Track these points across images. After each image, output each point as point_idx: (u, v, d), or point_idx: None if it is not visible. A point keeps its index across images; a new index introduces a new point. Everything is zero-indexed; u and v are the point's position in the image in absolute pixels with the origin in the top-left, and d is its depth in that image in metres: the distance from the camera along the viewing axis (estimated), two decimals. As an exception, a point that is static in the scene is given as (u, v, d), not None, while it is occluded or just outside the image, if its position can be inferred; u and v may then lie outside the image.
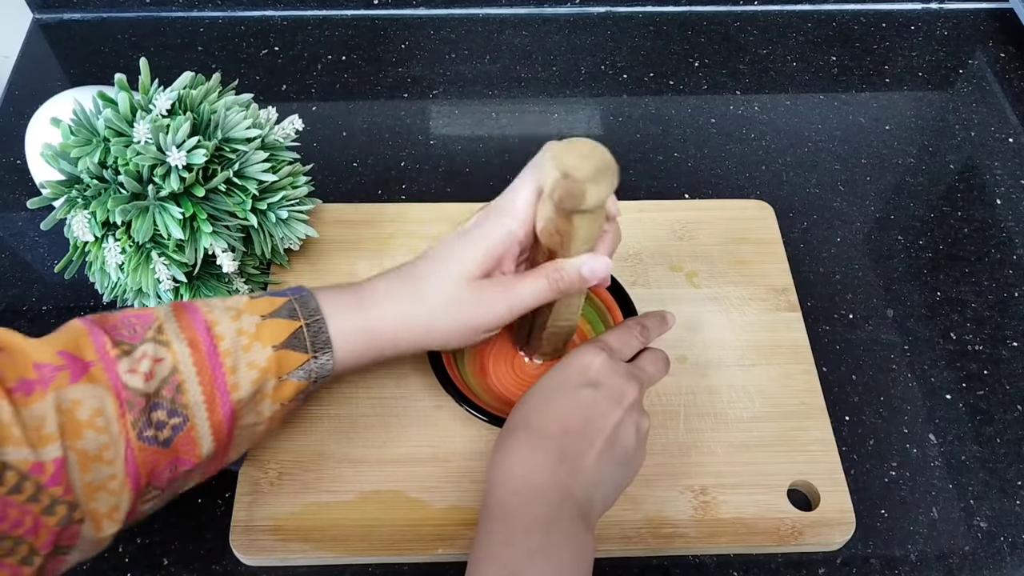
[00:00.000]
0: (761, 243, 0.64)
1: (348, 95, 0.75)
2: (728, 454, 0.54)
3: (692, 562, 0.52)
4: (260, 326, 0.44)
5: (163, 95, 0.52)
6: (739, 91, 0.77)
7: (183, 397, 0.42)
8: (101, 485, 0.40)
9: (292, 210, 0.57)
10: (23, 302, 0.62)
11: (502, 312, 0.46)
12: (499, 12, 0.82)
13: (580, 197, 0.41)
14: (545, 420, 0.45)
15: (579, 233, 0.44)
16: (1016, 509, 0.54)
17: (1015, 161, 0.72)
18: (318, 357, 0.45)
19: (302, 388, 0.45)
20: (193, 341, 0.43)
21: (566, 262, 0.45)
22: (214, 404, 0.42)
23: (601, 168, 0.41)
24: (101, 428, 0.40)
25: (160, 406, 0.41)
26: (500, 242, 0.45)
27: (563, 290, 0.46)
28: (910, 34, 0.82)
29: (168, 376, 0.42)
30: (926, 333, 0.62)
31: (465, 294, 0.45)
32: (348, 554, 0.51)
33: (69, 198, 0.52)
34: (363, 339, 0.46)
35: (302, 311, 0.45)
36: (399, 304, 0.46)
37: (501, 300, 0.46)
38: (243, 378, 0.43)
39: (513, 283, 0.46)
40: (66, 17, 0.81)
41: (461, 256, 0.46)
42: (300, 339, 0.44)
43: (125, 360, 0.41)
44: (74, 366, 0.40)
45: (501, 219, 0.45)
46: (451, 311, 0.46)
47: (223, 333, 0.43)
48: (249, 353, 0.43)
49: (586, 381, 0.46)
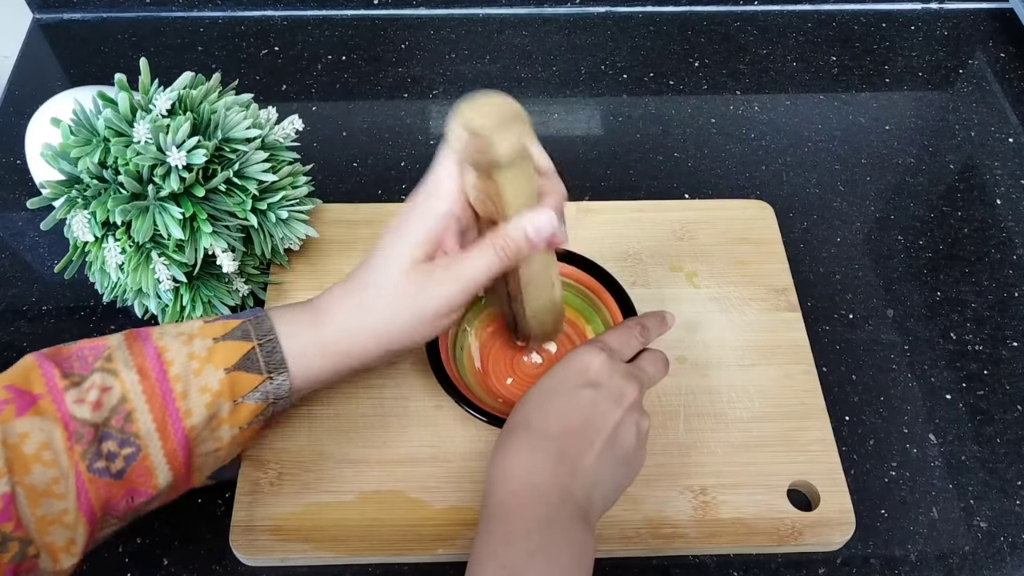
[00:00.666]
0: (761, 243, 0.64)
1: (348, 95, 0.75)
2: (728, 454, 0.54)
3: (692, 562, 0.52)
4: (212, 349, 0.43)
5: (163, 95, 0.52)
6: (739, 91, 0.77)
7: (133, 426, 0.41)
8: (54, 519, 0.39)
9: (292, 210, 0.57)
10: (23, 302, 0.62)
11: (454, 291, 0.45)
12: (499, 12, 0.82)
13: (489, 149, 0.40)
14: (545, 420, 0.45)
15: (508, 192, 0.42)
16: (1016, 509, 0.54)
17: (1015, 161, 0.72)
18: (273, 378, 0.44)
19: (259, 410, 0.45)
20: (142, 368, 0.42)
21: (507, 225, 0.44)
22: (166, 432, 0.42)
23: (506, 117, 0.40)
24: (49, 462, 0.39)
25: (110, 436, 0.41)
26: (433, 223, 0.44)
27: (512, 255, 0.45)
28: (910, 34, 0.82)
29: (117, 405, 0.41)
30: (926, 333, 0.62)
31: (411, 284, 0.44)
32: (348, 554, 0.51)
33: (69, 198, 0.52)
34: (318, 355, 0.45)
35: (255, 332, 0.44)
36: (350, 314, 0.45)
37: (449, 279, 0.44)
38: (195, 403, 0.42)
39: (458, 259, 0.45)
40: (66, 17, 0.81)
41: (398, 247, 0.44)
42: (253, 360, 0.44)
43: (73, 391, 0.40)
44: (21, 399, 0.39)
45: (429, 200, 0.44)
46: (404, 304, 0.45)
47: (173, 358, 0.42)
48: (200, 377, 0.42)
49: (586, 381, 0.46)
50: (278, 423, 0.55)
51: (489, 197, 0.43)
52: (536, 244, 0.45)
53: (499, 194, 0.43)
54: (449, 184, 0.44)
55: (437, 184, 0.44)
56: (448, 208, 0.44)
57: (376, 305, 0.45)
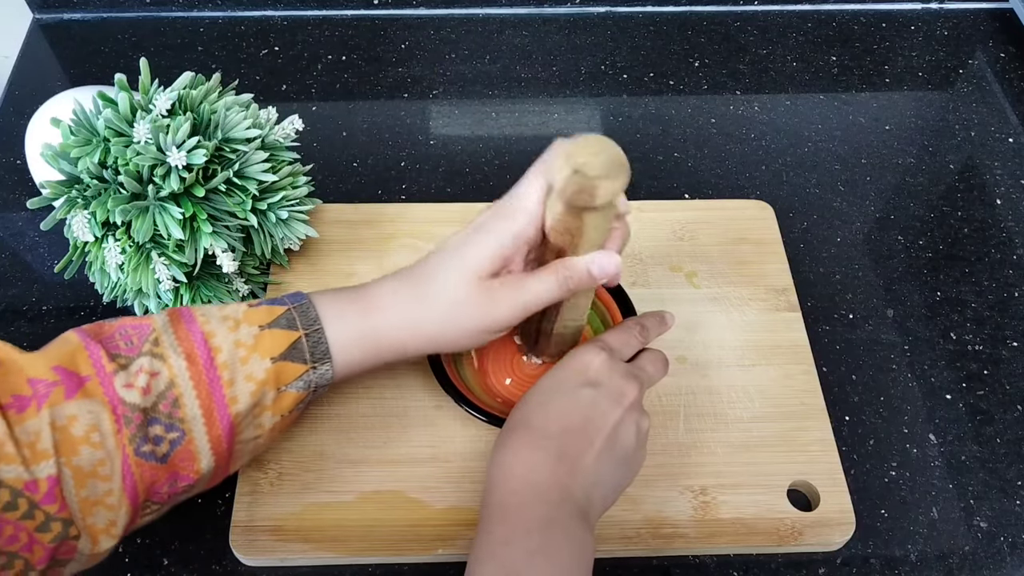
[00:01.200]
0: (761, 243, 0.64)
1: (348, 95, 0.75)
2: (728, 454, 0.54)
3: (692, 562, 0.52)
4: (258, 337, 0.43)
5: (163, 95, 0.52)
6: (739, 91, 0.77)
7: (180, 411, 0.41)
8: (98, 500, 0.40)
9: (292, 210, 0.57)
10: (23, 302, 0.62)
11: (512, 313, 0.45)
12: (499, 12, 0.82)
13: (592, 193, 0.40)
14: (545, 419, 0.45)
15: (590, 231, 0.43)
16: (1016, 509, 0.54)
17: (1015, 161, 0.72)
18: (317, 367, 0.45)
19: (301, 399, 0.45)
20: (190, 354, 0.42)
21: (575, 260, 0.45)
22: (212, 418, 0.42)
23: (613, 163, 0.41)
24: (97, 444, 0.39)
25: (157, 421, 0.41)
26: (510, 241, 0.44)
27: (572, 288, 0.45)
28: (910, 34, 0.82)
29: (165, 390, 0.41)
30: (926, 333, 0.62)
31: (474, 295, 0.44)
32: (348, 554, 0.51)
33: (69, 198, 0.52)
34: (368, 345, 0.46)
35: (301, 321, 0.44)
36: (406, 308, 0.46)
37: (511, 300, 0.45)
38: (241, 391, 0.42)
39: (523, 282, 0.45)
40: (66, 17, 0.81)
41: (470, 256, 0.44)
42: (299, 350, 0.44)
43: (122, 374, 0.40)
44: (69, 381, 0.40)
45: (510, 218, 0.44)
46: (461, 313, 0.45)
47: (220, 345, 0.42)
48: (247, 365, 0.43)
49: (586, 380, 0.46)
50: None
51: (569, 230, 0.43)
52: (597, 282, 0.45)
53: (581, 232, 0.43)
54: (534, 208, 0.44)
55: (521, 204, 0.44)
56: (525, 230, 0.44)
57: (433, 309, 0.45)
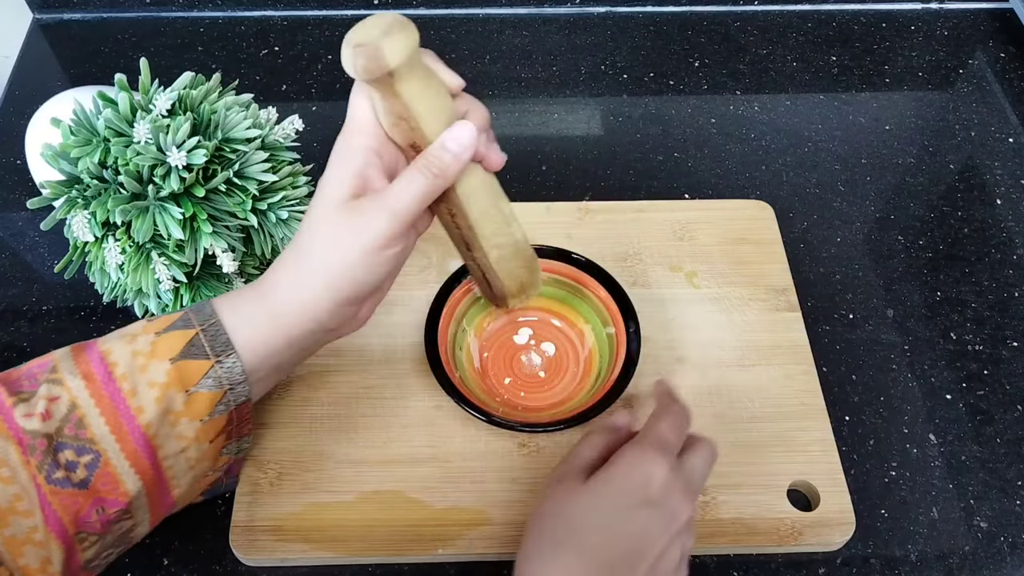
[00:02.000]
0: (761, 243, 0.64)
1: (348, 95, 0.75)
2: (728, 454, 0.54)
3: (692, 562, 0.52)
4: (155, 343, 0.42)
5: (163, 95, 0.52)
6: (739, 91, 0.77)
7: (87, 432, 0.40)
8: (24, 539, 0.39)
9: (292, 210, 0.57)
10: (23, 302, 0.62)
11: (385, 221, 0.42)
12: (499, 12, 0.82)
13: (379, 56, 0.39)
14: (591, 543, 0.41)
15: (417, 106, 0.42)
16: (1016, 509, 0.54)
17: (1015, 161, 0.72)
18: (222, 361, 0.43)
19: (216, 399, 0.43)
20: (87, 373, 0.41)
21: (429, 145, 0.43)
22: (122, 433, 0.41)
23: (389, 23, 0.40)
24: (7, 479, 0.39)
25: (65, 445, 0.40)
26: (352, 157, 0.43)
27: (437, 173, 0.43)
28: (910, 34, 0.82)
29: (67, 413, 0.40)
30: (926, 333, 0.62)
31: (342, 220, 0.42)
32: (348, 554, 0.51)
33: (69, 198, 0.52)
34: (267, 326, 0.44)
35: (196, 318, 0.43)
36: (292, 270, 0.44)
37: (378, 209, 0.42)
38: (145, 399, 0.41)
39: (386, 189, 0.43)
40: (66, 17, 0.81)
41: (323, 190, 0.43)
42: (198, 346, 0.43)
43: (22, 406, 0.40)
44: None
45: (347, 139, 0.43)
46: (339, 244, 0.42)
47: (117, 359, 0.42)
48: (147, 373, 0.42)
49: (645, 499, 0.42)
50: (278, 423, 0.55)
51: (401, 118, 0.42)
52: (461, 157, 0.43)
53: (408, 110, 0.42)
54: (362, 117, 0.43)
55: (351, 120, 0.43)
56: (365, 142, 0.43)
57: (313, 252, 0.43)
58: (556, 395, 0.57)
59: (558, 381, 0.57)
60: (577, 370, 0.58)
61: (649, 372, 0.57)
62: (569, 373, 0.58)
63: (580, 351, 0.59)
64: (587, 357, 0.58)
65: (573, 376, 0.57)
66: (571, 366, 0.58)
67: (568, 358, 0.58)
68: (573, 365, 0.58)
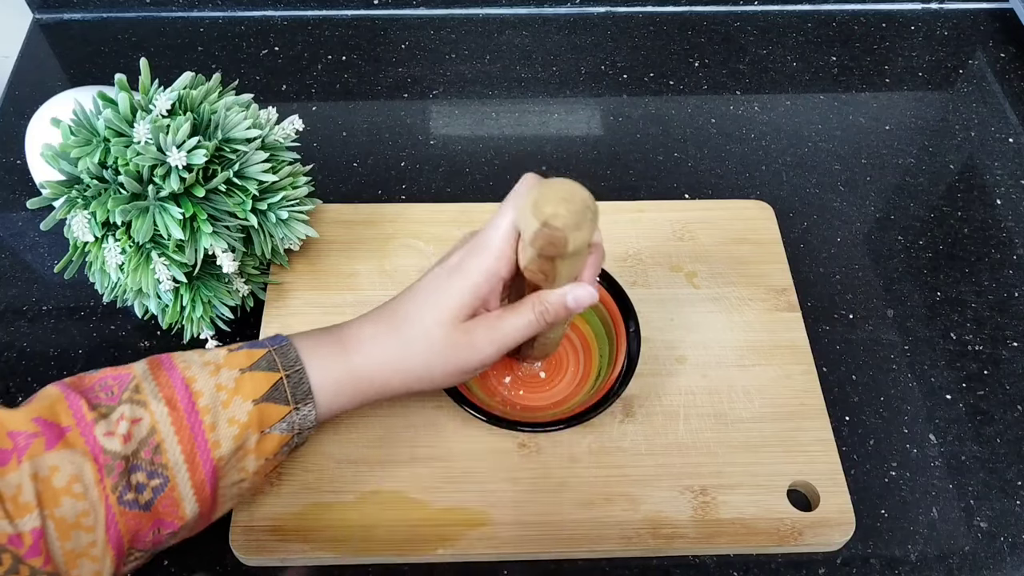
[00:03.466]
0: (761, 243, 0.64)
1: (348, 95, 0.75)
2: (728, 454, 0.54)
3: (692, 562, 0.52)
4: (239, 380, 0.43)
5: (163, 95, 0.52)
6: (739, 91, 0.77)
7: (162, 457, 0.41)
8: (82, 552, 0.39)
9: (292, 210, 0.57)
10: (23, 302, 0.62)
11: (492, 352, 0.45)
12: (499, 12, 0.82)
13: (563, 246, 0.40)
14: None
15: (563, 271, 0.43)
16: (1016, 509, 0.54)
17: (1015, 161, 0.72)
18: (300, 408, 0.44)
19: (285, 441, 0.45)
20: (171, 400, 0.42)
21: (551, 293, 0.45)
22: (195, 463, 0.42)
23: (581, 212, 0.40)
24: (79, 495, 0.39)
25: (139, 467, 0.40)
26: (484, 282, 0.44)
27: (549, 322, 0.45)
28: (910, 34, 0.82)
29: (146, 437, 0.41)
30: (926, 333, 0.62)
31: (453, 338, 0.45)
32: (348, 554, 0.51)
33: (69, 198, 0.52)
34: (348, 386, 0.46)
35: (282, 362, 0.44)
36: (386, 351, 0.46)
37: (489, 340, 0.45)
38: (224, 435, 0.42)
39: (500, 321, 0.45)
40: (66, 17, 0.81)
41: (447, 297, 0.44)
42: (280, 391, 0.44)
43: (102, 423, 0.40)
44: (49, 432, 0.39)
45: (483, 257, 0.44)
46: (441, 355, 0.45)
47: (202, 389, 0.42)
48: (229, 409, 0.42)
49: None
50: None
51: (542, 271, 0.43)
52: (574, 313, 0.46)
53: (554, 273, 0.43)
54: (506, 247, 0.44)
55: (493, 244, 0.44)
56: (497, 268, 0.44)
57: (413, 352, 0.45)
58: (556, 395, 0.57)
59: (558, 381, 0.57)
60: (577, 370, 0.58)
61: (649, 372, 0.57)
62: (569, 373, 0.58)
63: (580, 351, 0.59)
64: (587, 357, 0.58)
65: (573, 376, 0.57)
66: (571, 366, 0.58)
67: (568, 358, 0.58)
68: (573, 365, 0.58)
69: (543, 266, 0.43)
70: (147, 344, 0.60)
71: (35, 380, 0.58)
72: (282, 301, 0.60)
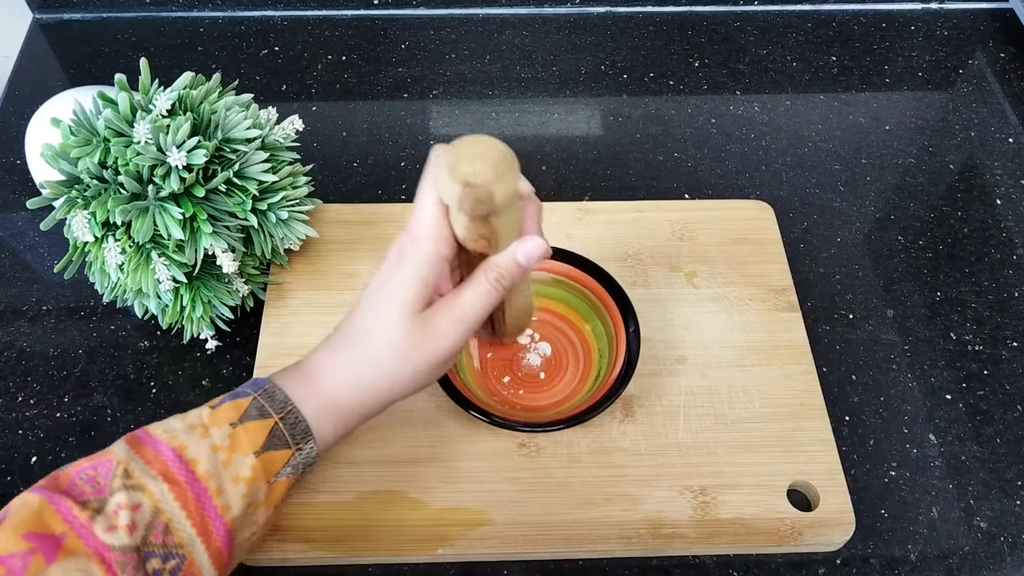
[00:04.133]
0: (761, 243, 0.64)
1: (348, 95, 0.75)
2: (728, 454, 0.54)
3: (692, 562, 0.52)
4: (233, 435, 0.41)
5: (163, 95, 0.52)
6: (739, 91, 0.77)
7: (174, 537, 0.39)
8: None
9: (292, 210, 0.57)
10: (23, 302, 0.62)
11: (459, 334, 0.43)
12: (499, 12, 0.82)
13: (490, 200, 0.39)
14: None
15: (502, 228, 0.42)
16: (1016, 509, 0.54)
17: (1015, 161, 0.72)
18: (302, 448, 0.43)
19: (291, 484, 0.43)
20: (167, 474, 0.39)
21: (499, 257, 0.43)
22: (208, 533, 0.40)
23: (499, 162, 0.39)
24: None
25: (153, 554, 0.38)
26: (428, 267, 0.42)
27: (507, 286, 0.44)
28: (910, 34, 0.82)
29: (152, 520, 0.38)
30: (926, 333, 0.62)
31: (414, 333, 0.43)
32: (348, 554, 0.51)
33: (69, 198, 0.52)
34: (335, 417, 0.44)
35: (271, 406, 0.42)
36: (355, 372, 0.44)
37: (452, 323, 0.43)
38: (232, 496, 0.40)
39: (456, 300, 0.43)
40: (66, 17, 0.81)
41: (396, 295, 0.43)
42: (279, 436, 0.42)
43: (100, 519, 0.37)
44: (44, 545, 0.36)
45: (419, 243, 0.42)
46: (409, 356, 0.43)
47: (196, 456, 0.40)
48: (231, 468, 0.41)
49: None
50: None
51: (481, 236, 0.42)
52: (528, 269, 0.44)
53: (493, 232, 0.42)
54: (439, 227, 0.42)
55: (425, 228, 0.42)
56: (438, 250, 0.42)
57: (379, 362, 0.43)
58: (556, 395, 0.57)
59: (558, 381, 0.57)
60: (577, 370, 0.58)
61: (649, 372, 0.57)
62: (569, 373, 0.58)
63: (580, 351, 0.59)
64: (587, 357, 0.58)
65: (573, 376, 0.57)
66: (571, 366, 0.58)
67: (568, 358, 0.58)
68: (573, 365, 0.58)
69: (480, 230, 0.41)
70: (147, 344, 0.60)
71: (35, 380, 0.58)
72: (282, 301, 0.60)
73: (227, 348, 0.59)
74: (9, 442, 0.55)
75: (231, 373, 0.58)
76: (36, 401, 0.57)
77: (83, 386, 0.58)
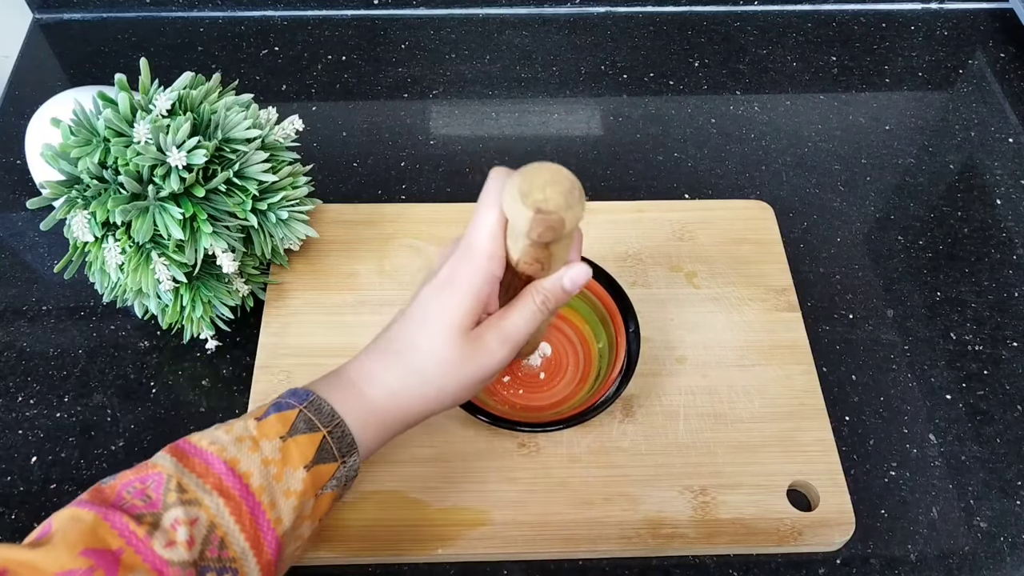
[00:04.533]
0: (761, 243, 0.64)
1: (348, 95, 0.75)
2: (728, 454, 0.54)
3: (692, 562, 0.52)
4: (284, 449, 0.41)
5: (163, 95, 0.52)
6: (739, 91, 0.77)
7: (229, 551, 0.39)
8: None
9: (292, 210, 0.57)
10: (23, 302, 0.62)
11: (505, 352, 0.44)
12: (499, 12, 0.82)
13: (560, 228, 0.39)
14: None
15: (557, 256, 0.43)
16: (1016, 509, 0.54)
17: (1015, 161, 0.72)
18: (347, 461, 0.43)
19: (336, 496, 0.44)
20: (221, 488, 0.39)
21: (547, 280, 0.44)
22: (260, 546, 0.40)
23: (570, 191, 0.40)
24: None
25: (208, 569, 0.38)
26: (483, 285, 0.43)
27: (552, 309, 0.45)
28: (910, 34, 0.82)
29: (208, 535, 0.38)
30: (926, 333, 0.62)
31: (465, 350, 0.43)
32: (348, 554, 0.51)
33: (69, 198, 0.52)
34: (377, 426, 0.44)
35: (319, 419, 0.43)
36: (401, 383, 0.44)
37: (500, 342, 0.44)
38: (283, 509, 0.41)
39: (505, 320, 0.44)
40: (66, 17, 0.81)
41: (449, 312, 0.43)
42: (328, 450, 0.42)
43: (158, 535, 0.37)
44: (104, 561, 0.35)
45: (475, 261, 0.43)
46: (455, 371, 0.44)
47: (249, 469, 0.40)
48: (283, 482, 0.41)
49: None
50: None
51: (537, 260, 0.43)
52: (572, 294, 0.45)
53: (549, 258, 0.43)
54: (496, 246, 0.42)
55: (482, 247, 0.43)
56: (491, 269, 0.43)
57: (426, 375, 0.44)
58: (556, 395, 0.57)
59: (558, 381, 0.57)
60: (576, 370, 0.58)
61: (649, 372, 0.57)
62: (569, 373, 0.58)
63: (579, 351, 0.59)
64: (586, 357, 0.58)
65: (573, 376, 0.57)
66: (570, 366, 0.58)
67: (567, 358, 0.58)
68: (572, 365, 0.58)
69: (538, 254, 0.42)
70: (147, 344, 0.60)
71: (35, 380, 0.58)
72: (282, 301, 0.60)
73: (227, 348, 0.59)
74: (9, 442, 0.55)
75: (231, 373, 0.59)
76: (36, 401, 0.57)
77: (83, 386, 0.58)
